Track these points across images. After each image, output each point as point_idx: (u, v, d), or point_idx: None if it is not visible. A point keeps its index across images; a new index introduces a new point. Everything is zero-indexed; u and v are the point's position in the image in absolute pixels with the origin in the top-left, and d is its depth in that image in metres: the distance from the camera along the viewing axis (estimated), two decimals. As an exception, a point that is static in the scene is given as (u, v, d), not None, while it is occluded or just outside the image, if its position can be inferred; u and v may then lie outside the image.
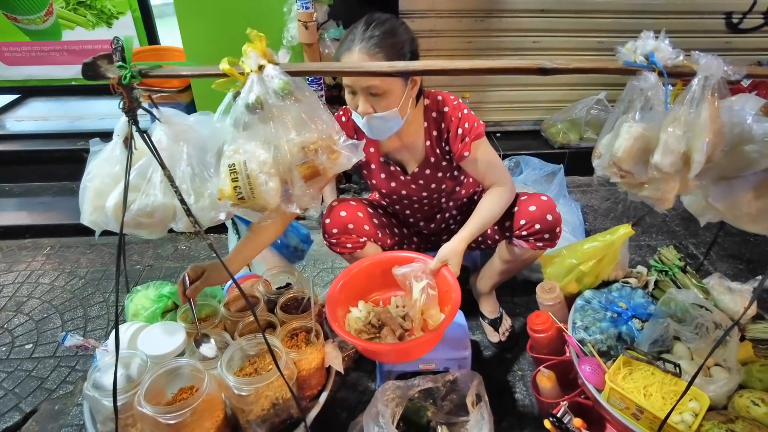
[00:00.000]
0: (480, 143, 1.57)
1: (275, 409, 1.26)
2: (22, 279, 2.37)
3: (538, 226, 1.59)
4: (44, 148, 3.06)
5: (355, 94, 1.40)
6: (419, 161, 1.66)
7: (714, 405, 1.30)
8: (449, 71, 0.95)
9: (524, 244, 1.64)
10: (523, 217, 1.61)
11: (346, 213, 1.66)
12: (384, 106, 1.40)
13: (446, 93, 1.60)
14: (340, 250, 1.69)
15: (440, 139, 1.61)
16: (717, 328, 1.43)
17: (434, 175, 1.67)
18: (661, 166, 0.99)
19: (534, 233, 1.61)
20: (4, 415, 1.70)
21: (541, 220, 1.59)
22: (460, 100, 1.60)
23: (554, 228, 1.61)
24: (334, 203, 1.69)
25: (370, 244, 1.73)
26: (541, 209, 1.60)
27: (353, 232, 1.66)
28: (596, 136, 3.13)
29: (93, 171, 1.18)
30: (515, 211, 1.64)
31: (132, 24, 3.06)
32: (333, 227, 1.65)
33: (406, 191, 1.73)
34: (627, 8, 2.95)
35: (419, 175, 1.68)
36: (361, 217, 1.68)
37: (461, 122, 1.54)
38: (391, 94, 1.39)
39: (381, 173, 1.72)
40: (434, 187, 1.70)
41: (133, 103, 1.00)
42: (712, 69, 0.90)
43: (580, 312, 1.63)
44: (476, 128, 1.55)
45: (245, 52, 0.93)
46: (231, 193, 0.97)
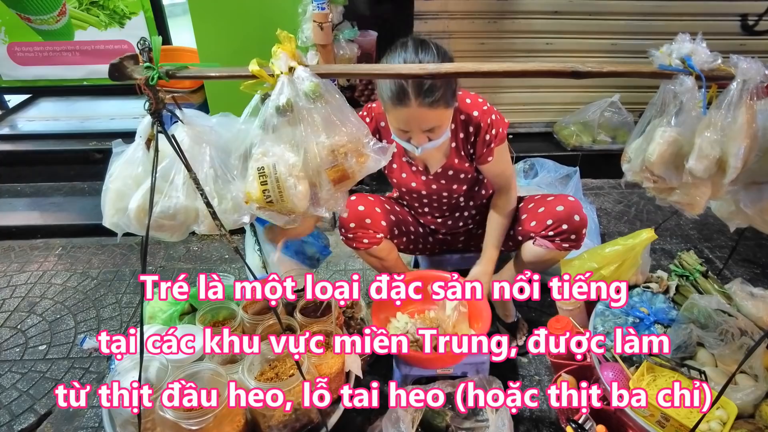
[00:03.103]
0: (502, 147, 1.58)
1: (296, 414, 1.24)
2: (34, 279, 2.36)
3: (565, 227, 1.58)
4: (55, 149, 3.06)
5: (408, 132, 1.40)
6: (443, 162, 1.65)
7: (740, 413, 1.29)
8: (481, 73, 0.94)
9: (549, 245, 1.62)
10: (550, 217, 1.60)
11: (364, 207, 1.65)
12: (438, 134, 1.41)
13: (473, 95, 1.58)
14: (357, 245, 1.68)
15: (467, 142, 1.60)
16: (742, 335, 1.41)
17: (456, 176, 1.66)
18: (695, 171, 0.98)
19: (560, 233, 1.59)
20: (19, 417, 1.69)
21: (569, 221, 1.57)
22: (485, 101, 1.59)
23: (580, 229, 1.59)
24: (352, 197, 1.68)
25: (386, 241, 1.72)
26: (569, 209, 1.58)
27: (370, 227, 1.65)
28: (609, 139, 3.13)
29: (115, 173, 1.17)
30: (542, 211, 1.63)
31: (144, 24, 3.05)
32: (350, 221, 1.64)
33: (426, 191, 1.72)
34: (641, 10, 2.92)
35: (441, 176, 1.67)
36: (378, 213, 1.67)
37: (490, 128, 1.53)
38: (445, 123, 1.41)
39: (402, 172, 1.71)
40: (455, 187, 1.69)
41: (159, 104, 0.99)
42: (752, 73, 0.88)
43: (600, 317, 1.61)
44: (501, 133, 1.55)
45: (275, 53, 0.92)
46: (259, 196, 0.96)
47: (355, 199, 1.68)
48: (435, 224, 1.89)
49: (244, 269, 2.38)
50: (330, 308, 1.51)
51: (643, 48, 1.13)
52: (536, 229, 1.63)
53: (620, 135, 3.05)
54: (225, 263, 2.47)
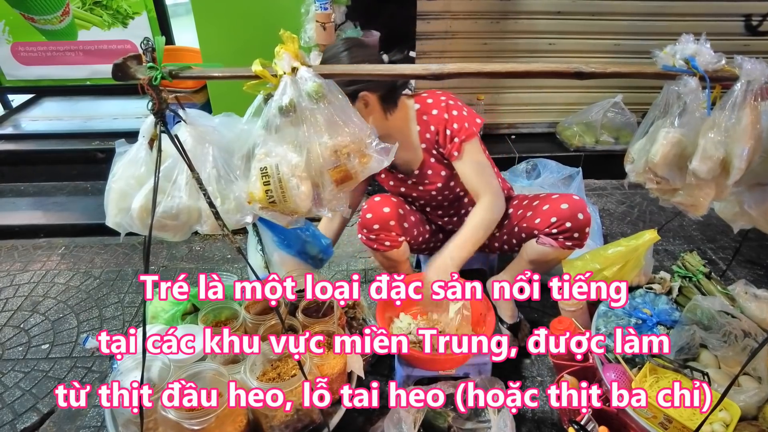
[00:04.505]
0: (472, 146, 1.57)
1: (298, 414, 1.24)
2: (37, 279, 2.37)
3: (569, 224, 1.58)
4: (58, 148, 3.06)
5: None
6: (418, 164, 1.68)
7: (744, 415, 1.28)
8: (484, 74, 0.94)
9: (553, 243, 1.63)
10: (554, 215, 1.61)
11: (389, 209, 1.65)
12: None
13: (437, 93, 1.61)
14: (377, 246, 1.67)
15: (433, 141, 1.62)
16: (746, 337, 1.41)
17: (437, 174, 1.68)
18: (699, 172, 0.98)
19: (564, 231, 1.60)
20: (22, 416, 1.69)
21: (572, 219, 1.58)
22: (453, 99, 1.60)
23: (584, 228, 1.60)
24: (376, 197, 1.68)
25: (404, 244, 1.73)
26: (573, 207, 1.59)
27: (393, 229, 1.65)
28: (612, 140, 3.12)
29: (118, 173, 1.17)
30: (546, 209, 1.64)
31: (147, 24, 3.05)
32: (374, 222, 1.63)
33: (416, 194, 1.76)
34: (644, 11, 2.92)
35: (422, 177, 1.70)
36: (401, 215, 1.68)
37: (449, 123, 1.56)
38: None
39: (389, 180, 1.78)
40: (441, 185, 1.70)
41: (163, 104, 0.99)
42: (756, 74, 0.88)
43: (603, 318, 1.61)
44: (466, 129, 1.55)
45: (278, 53, 0.92)
46: (262, 196, 0.96)
47: (379, 200, 1.67)
48: (443, 221, 1.90)
49: (246, 269, 2.39)
50: (332, 309, 1.51)
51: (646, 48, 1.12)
52: (540, 227, 1.64)
53: (623, 135, 3.04)
54: (227, 263, 2.47)
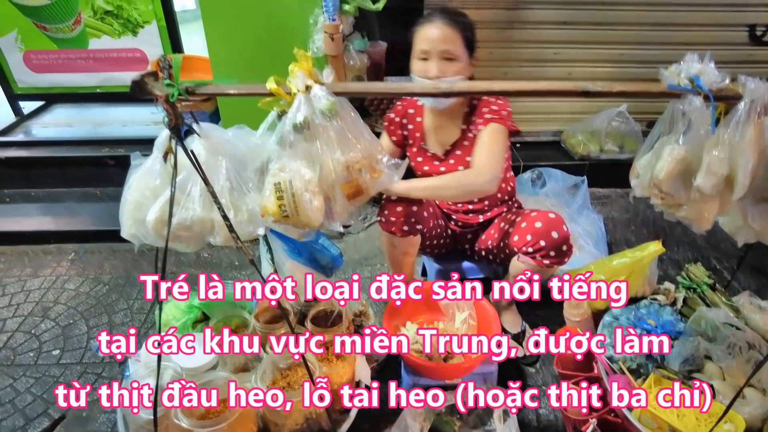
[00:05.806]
0: (496, 127, 1.62)
1: (308, 422, 1.26)
2: (48, 284, 2.40)
3: (543, 243, 1.58)
4: (68, 155, 3.09)
5: (427, 59, 1.59)
6: (452, 142, 1.76)
7: (749, 427, 1.29)
8: (493, 93, 0.96)
9: (531, 261, 1.63)
10: (529, 233, 1.61)
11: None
12: (454, 71, 1.57)
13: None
14: (395, 230, 1.66)
15: (471, 118, 1.71)
16: (750, 348, 1.42)
17: (466, 155, 1.74)
18: (703, 188, 0.99)
19: (539, 249, 1.59)
20: (33, 421, 1.72)
21: (546, 237, 1.58)
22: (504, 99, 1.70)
23: (560, 245, 1.59)
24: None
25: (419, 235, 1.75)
26: (547, 226, 1.59)
27: (414, 215, 1.66)
28: (617, 148, 3.13)
29: (133, 185, 1.20)
30: (524, 227, 1.64)
31: (157, 33, 3.10)
32: (399, 205, 1.64)
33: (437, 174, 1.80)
34: (649, 21, 2.94)
35: (450, 155, 1.77)
36: (423, 203, 1.70)
37: (490, 104, 1.65)
38: (460, 60, 1.58)
39: (418, 156, 1.84)
40: (462, 169, 1.74)
41: (179, 119, 1.02)
42: (759, 92, 0.90)
43: (608, 328, 1.62)
44: (502, 116, 1.63)
45: (292, 72, 0.94)
46: (275, 210, 0.99)
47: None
48: (449, 209, 1.93)
49: (254, 275, 2.41)
50: (341, 318, 1.54)
51: (651, 58, 1.14)
52: (518, 245, 1.65)
53: (628, 144, 3.05)
54: (235, 270, 2.50)
